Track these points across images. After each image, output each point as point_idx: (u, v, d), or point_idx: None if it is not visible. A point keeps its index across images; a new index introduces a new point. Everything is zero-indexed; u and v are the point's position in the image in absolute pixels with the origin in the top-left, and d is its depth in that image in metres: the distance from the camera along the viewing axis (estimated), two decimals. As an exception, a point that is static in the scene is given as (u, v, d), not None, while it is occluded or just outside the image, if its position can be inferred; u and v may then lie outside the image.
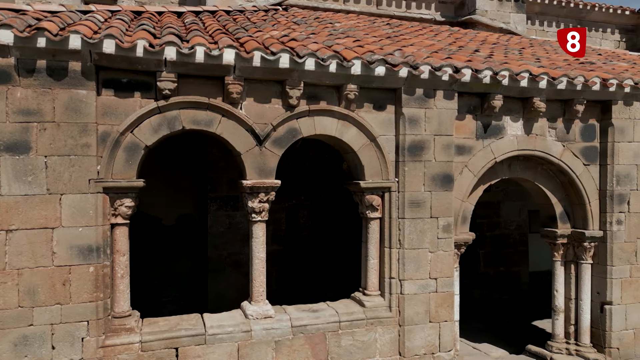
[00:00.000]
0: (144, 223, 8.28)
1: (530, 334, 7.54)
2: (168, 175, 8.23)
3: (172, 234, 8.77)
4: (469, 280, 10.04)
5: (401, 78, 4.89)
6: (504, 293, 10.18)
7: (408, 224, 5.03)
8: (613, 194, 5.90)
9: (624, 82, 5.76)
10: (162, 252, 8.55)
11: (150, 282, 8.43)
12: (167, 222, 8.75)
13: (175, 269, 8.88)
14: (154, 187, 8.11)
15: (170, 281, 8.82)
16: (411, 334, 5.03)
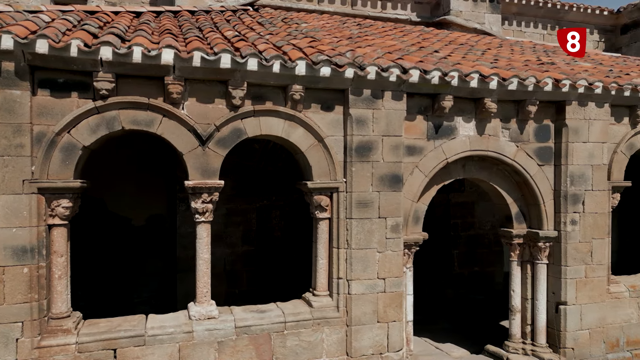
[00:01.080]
0: (113, 224, 8.28)
1: (496, 333, 7.56)
2: (139, 176, 8.22)
3: (142, 234, 8.75)
4: (444, 280, 10.08)
5: (347, 79, 4.89)
6: (478, 293, 10.20)
7: (356, 224, 5.04)
8: (567, 194, 5.92)
9: (578, 82, 5.78)
10: (133, 252, 8.53)
11: (121, 283, 8.42)
12: (137, 223, 8.72)
13: (146, 269, 8.86)
14: (124, 188, 8.14)
15: (141, 282, 8.80)
16: (358, 334, 5.03)
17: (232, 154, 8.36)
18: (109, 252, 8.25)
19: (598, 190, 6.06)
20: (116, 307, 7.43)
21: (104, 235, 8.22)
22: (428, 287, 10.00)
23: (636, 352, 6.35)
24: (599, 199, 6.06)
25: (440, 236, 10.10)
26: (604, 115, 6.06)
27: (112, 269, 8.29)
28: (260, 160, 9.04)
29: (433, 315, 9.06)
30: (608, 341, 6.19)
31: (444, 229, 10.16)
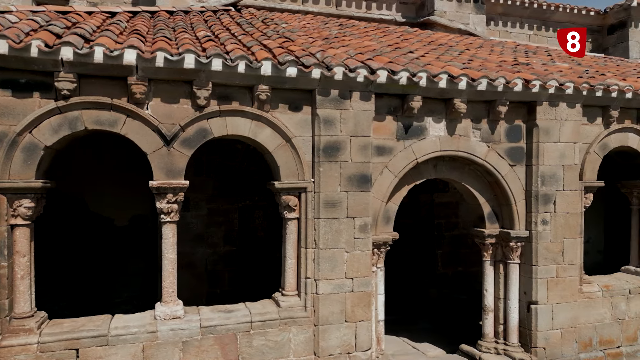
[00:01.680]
0: (95, 224, 8.28)
1: (474, 332, 7.58)
2: (122, 176, 8.20)
3: (125, 234, 8.75)
4: (427, 280, 10.11)
5: (314, 79, 4.91)
6: (461, 293, 10.23)
7: (323, 224, 5.05)
8: (538, 194, 5.94)
9: (548, 83, 5.80)
10: (115, 253, 8.53)
11: (103, 283, 8.42)
12: (120, 223, 8.72)
13: (128, 269, 8.86)
14: (106, 188, 8.13)
15: (123, 282, 8.79)
16: (326, 333, 5.04)
17: (213, 154, 8.48)
18: (90, 252, 8.23)
19: (569, 191, 6.09)
20: (98, 307, 7.42)
21: (86, 235, 8.20)
22: (412, 287, 10.03)
23: (609, 352, 6.38)
24: (571, 199, 6.09)
25: (424, 236, 10.14)
26: (575, 115, 6.08)
27: (94, 269, 8.28)
28: (242, 161, 9.04)
29: (414, 315, 9.09)
30: (581, 341, 6.22)
31: (428, 229, 10.18)
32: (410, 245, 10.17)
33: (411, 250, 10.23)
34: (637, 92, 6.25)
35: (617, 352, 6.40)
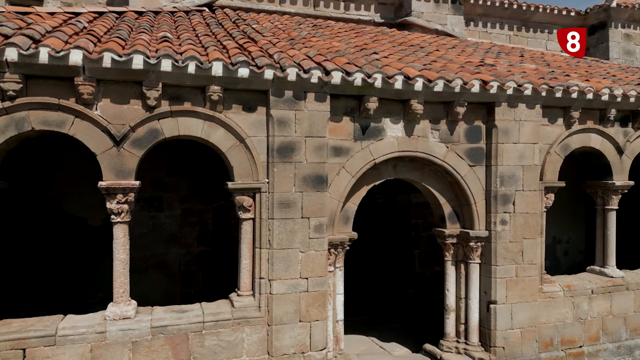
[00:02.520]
0: (69, 225, 8.27)
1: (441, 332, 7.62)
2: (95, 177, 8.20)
3: (99, 235, 8.74)
4: (405, 280, 10.14)
5: (267, 80, 4.93)
6: (438, 292, 10.23)
7: (277, 225, 5.08)
8: (497, 194, 5.98)
9: (506, 84, 5.84)
10: (90, 253, 8.52)
11: (77, 284, 8.42)
12: (94, 223, 8.70)
13: (103, 270, 8.83)
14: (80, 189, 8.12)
15: (97, 282, 8.77)
16: (280, 333, 5.07)
17: (187, 154, 8.48)
18: (65, 253, 8.23)
19: (529, 191, 6.12)
20: (72, 307, 7.42)
21: (60, 236, 8.19)
22: (389, 287, 10.06)
23: (570, 352, 6.42)
24: (530, 199, 6.13)
25: (401, 236, 10.17)
26: (535, 116, 6.12)
27: (68, 270, 8.27)
28: (217, 161, 9.04)
29: (388, 315, 9.11)
30: (541, 340, 6.25)
31: (405, 229, 10.22)
32: (388, 245, 10.21)
33: (389, 250, 10.27)
34: (598, 93, 6.29)
35: (578, 352, 6.44)
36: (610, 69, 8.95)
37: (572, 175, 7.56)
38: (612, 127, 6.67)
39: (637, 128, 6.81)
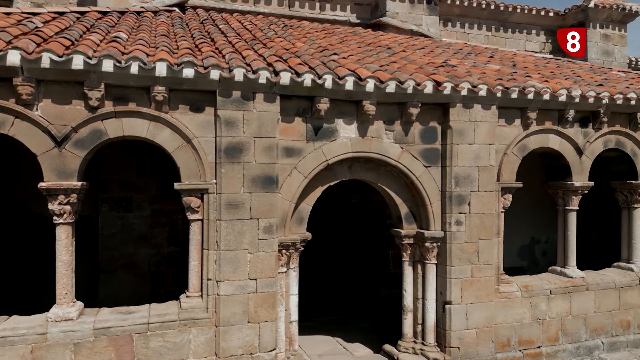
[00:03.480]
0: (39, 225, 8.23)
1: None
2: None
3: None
4: (379, 280, 10.13)
5: (213, 80, 4.92)
6: (411, 293, 10.24)
7: (225, 226, 5.07)
8: (452, 195, 5.99)
9: (460, 85, 5.84)
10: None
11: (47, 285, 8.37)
12: (64, 224, 8.64)
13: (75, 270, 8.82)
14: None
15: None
16: (227, 334, 5.06)
17: (157, 154, 8.44)
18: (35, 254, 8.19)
19: (485, 191, 6.13)
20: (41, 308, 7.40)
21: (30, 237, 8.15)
22: (363, 287, 10.05)
23: (528, 352, 6.43)
24: (486, 200, 6.13)
25: (376, 236, 10.16)
26: (490, 117, 6.13)
27: (39, 270, 8.24)
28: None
29: (359, 315, 9.11)
30: (498, 340, 6.26)
31: (380, 229, 10.21)
32: (364, 246, 10.20)
33: (364, 250, 10.26)
34: (555, 94, 6.30)
35: (536, 352, 6.45)
36: (580, 69, 8.97)
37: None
38: (572, 128, 6.69)
39: (597, 129, 6.83)
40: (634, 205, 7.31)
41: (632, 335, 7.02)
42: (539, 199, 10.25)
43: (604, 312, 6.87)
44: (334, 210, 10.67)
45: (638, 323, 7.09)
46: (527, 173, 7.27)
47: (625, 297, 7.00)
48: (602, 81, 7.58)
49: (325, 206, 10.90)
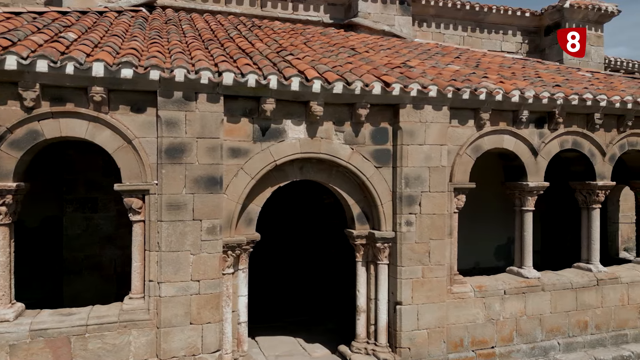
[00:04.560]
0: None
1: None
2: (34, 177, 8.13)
3: (36, 236, 8.67)
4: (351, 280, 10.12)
5: (153, 81, 4.90)
6: (384, 293, 10.24)
7: (166, 227, 5.05)
8: (402, 195, 5.98)
9: (409, 86, 5.84)
10: (26, 254, 8.44)
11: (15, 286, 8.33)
12: (31, 224, 8.63)
13: (39, 271, 8.79)
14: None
15: (34, 284, 8.71)
16: (169, 336, 5.04)
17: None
18: None
19: (436, 192, 6.13)
20: None
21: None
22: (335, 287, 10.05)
23: (481, 352, 6.43)
24: (437, 201, 6.13)
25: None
26: (442, 118, 6.13)
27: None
28: (154, 161, 8.97)
29: (327, 316, 9.10)
30: (450, 341, 6.27)
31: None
32: (336, 246, 10.20)
33: (336, 251, 10.25)
34: (507, 95, 6.31)
35: (489, 353, 6.46)
36: (546, 70, 8.99)
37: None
38: (527, 129, 6.70)
39: (553, 129, 6.84)
40: (593, 205, 7.34)
41: (590, 336, 7.03)
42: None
43: (561, 312, 6.88)
44: (308, 211, 10.68)
45: (596, 324, 7.10)
46: (500, 173, 7.25)
47: (582, 298, 7.02)
48: (562, 82, 7.60)
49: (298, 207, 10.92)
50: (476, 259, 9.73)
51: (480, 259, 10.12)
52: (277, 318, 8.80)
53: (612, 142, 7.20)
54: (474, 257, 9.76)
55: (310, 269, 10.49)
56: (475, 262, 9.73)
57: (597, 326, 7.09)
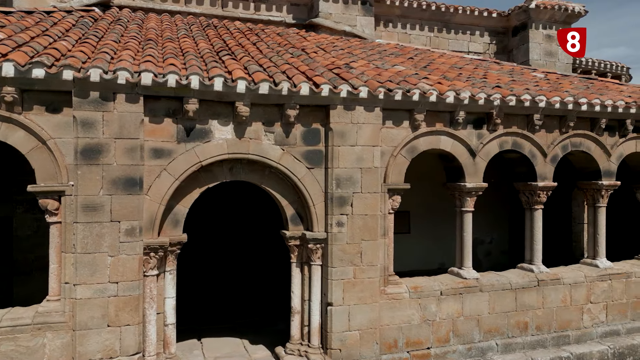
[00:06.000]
0: None
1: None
2: None
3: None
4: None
5: (67, 81, 4.85)
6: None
7: (82, 228, 5.00)
8: (333, 196, 5.96)
9: (339, 87, 5.82)
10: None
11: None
12: (-19, 225, 8.52)
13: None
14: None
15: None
16: (85, 338, 4.99)
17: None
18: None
19: (369, 193, 6.11)
20: None
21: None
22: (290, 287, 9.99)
23: (415, 353, 6.42)
24: (370, 202, 6.12)
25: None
26: (374, 119, 6.11)
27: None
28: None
29: (278, 317, 9.06)
30: (384, 342, 6.25)
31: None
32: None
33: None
34: (442, 96, 6.30)
35: (424, 354, 6.45)
36: (499, 71, 9.00)
37: (496, 177, 7.60)
38: (464, 130, 6.70)
39: (492, 130, 6.84)
40: (535, 206, 7.34)
41: (530, 337, 7.04)
42: (484, 200, 10.26)
43: (500, 313, 6.88)
44: (261, 210, 10.61)
45: (537, 324, 7.11)
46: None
47: (522, 299, 7.02)
48: (507, 82, 7.61)
49: (250, 207, 10.83)
50: (442, 260, 9.66)
51: (446, 259, 10.06)
52: (228, 320, 8.75)
53: (554, 143, 7.21)
54: (440, 257, 9.72)
55: (265, 269, 10.44)
56: (440, 263, 9.67)
57: (537, 327, 7.10)
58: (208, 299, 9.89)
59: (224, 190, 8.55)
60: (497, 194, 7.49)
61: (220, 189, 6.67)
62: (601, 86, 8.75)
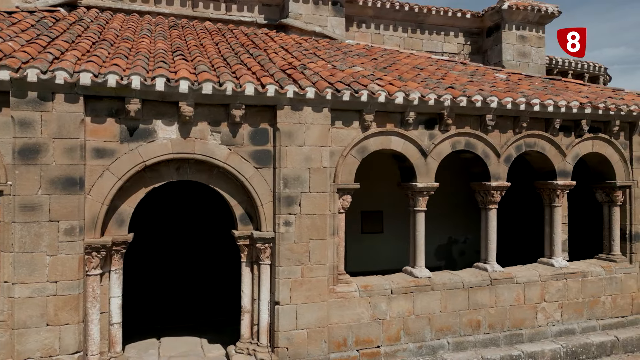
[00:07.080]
0: None
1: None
2: None
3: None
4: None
5: (4, 81, 4.87)
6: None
7: (20, 228, 5.02)
8: (281, 196, 6.00)
9: (285, 87, 5.86)
10: None
11: None
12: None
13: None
14: None
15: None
16: (23, 337, 5.01)
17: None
18: None
19: (317, 193, 6.16)
20: None
21: None
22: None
23: (365, 352, 6.46)
24: (318, 201, 6.16)
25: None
26: (322, 119, 6.16)
27: None
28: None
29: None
30: (333, 340, 6.29)
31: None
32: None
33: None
34: (391, 97, 6.35)
35: (374, 352, 6.50)
36: (463, 72, 9.07)
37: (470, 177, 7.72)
38: (416, 130, 6.75)
39: (444, 131, 6.90)
40: (489, 206, 7.41)
41: (482, 335, 7.10)
42: (458, 200, 10.33)
43: (452, 312, 6.94)
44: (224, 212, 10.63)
45: (489, 323, 7.17)
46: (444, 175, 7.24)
47: (475, 297, 7.08)
48: (463, 83, 7.67)
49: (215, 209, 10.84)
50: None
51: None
52: (191, 319, 8.77)
53: (507, 143, 7.28)
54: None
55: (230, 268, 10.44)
56: (412, 262, 9.68)
57: (490, 326, 7.16)
58: (170, 299, 9.90)
59: (182, 189, 8.57)
60: (472, 195, 7.57)
61: (178, 188, 6.68)
62: (561, 87, 8.83)
